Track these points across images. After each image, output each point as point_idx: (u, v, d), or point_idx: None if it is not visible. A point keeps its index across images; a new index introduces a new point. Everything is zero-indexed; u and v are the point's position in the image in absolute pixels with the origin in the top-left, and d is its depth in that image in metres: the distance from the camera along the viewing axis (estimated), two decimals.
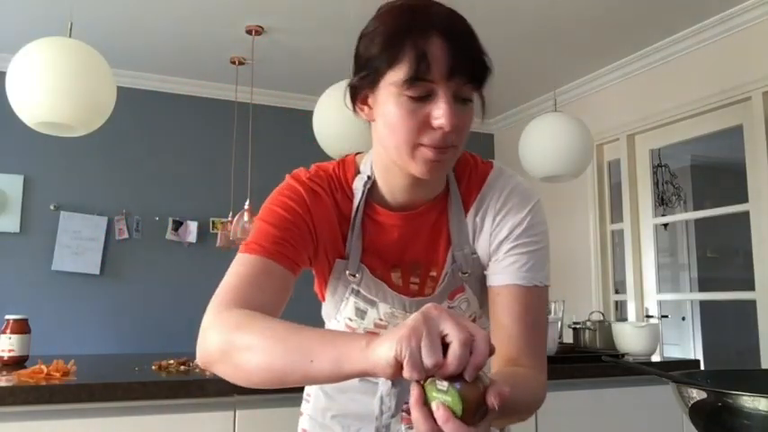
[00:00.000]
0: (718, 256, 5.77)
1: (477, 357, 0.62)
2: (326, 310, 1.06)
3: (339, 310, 1.02)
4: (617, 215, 4.22)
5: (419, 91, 0.82)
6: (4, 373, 1.87)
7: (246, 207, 3.44)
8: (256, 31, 3.50)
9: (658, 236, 4.20)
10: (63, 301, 3.94)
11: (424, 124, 0.83)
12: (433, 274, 0.99)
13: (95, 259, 4.04)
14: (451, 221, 0.98)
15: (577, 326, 2.72)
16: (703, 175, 5.65)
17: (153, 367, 2.01)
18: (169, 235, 4.22)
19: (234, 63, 3.96)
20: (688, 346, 5.59)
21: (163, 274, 4.19)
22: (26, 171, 3.98)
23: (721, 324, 5.40)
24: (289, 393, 1.87)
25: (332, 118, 2.63)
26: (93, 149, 4.03)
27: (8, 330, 2.06)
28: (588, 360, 2.43)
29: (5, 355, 2.03)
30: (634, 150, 4.07)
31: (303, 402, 1.16)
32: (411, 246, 0.99)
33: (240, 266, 0.89)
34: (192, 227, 4.25)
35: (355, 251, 0.97)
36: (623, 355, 2.50)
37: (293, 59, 3.95)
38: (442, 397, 0.63)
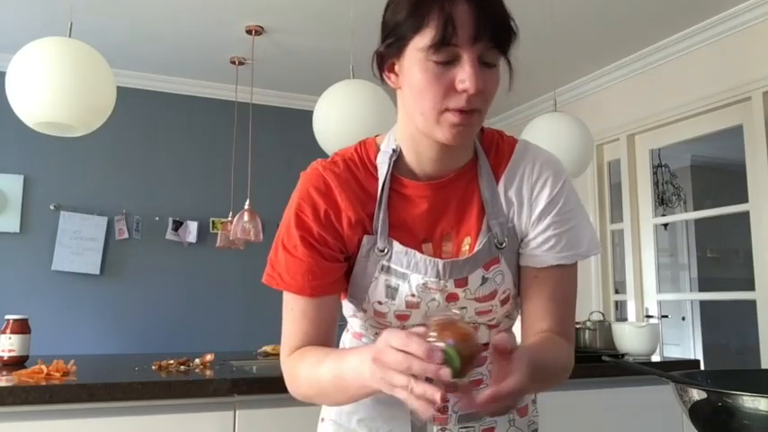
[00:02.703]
0: (718, 256, 5.77)
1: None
2: (349, 303, 1.03)
3: (367, 295, 0.97)
4: (617, 215, 4.22)
5: (445, 56, 0.83)
6: (4, 373, 1.87)
7: (246, 207, 3.44)
8: (256, 31, 3.50)
9: (658, 236, 4.20)
10: (63, 301, 3.94)
11: (450, 88, 0.84)
12: (467, 242, 0.97)
13: (95, 259, 4.04)
14: (483, 190, 0.97)
15: (577, 326, 2.72)
16: (703, 175, 5.65)
17: (153, 367, 2.01)
18: (169, 235, 4.22)
19: (234, 63, 3.96)
20: (688, 346, 5.59)
21: (163, 274, 4.19)
22: (26, 171, 3.98)
23: (721, 324, 5.40)
24: (289, 393, 1.88)
25: (332, 118, 2.63)
26: (93, 149, 4.03)
27: (8, 330, 2.06)
28: (588, 360, 2.43)
29: (5, 355, 2.03)
30: (634, 150, 4.07)
31: (324, 408, 1.11)
32: (441, 217, 0.96)
33: (290, 311, 0.98)
34: (192, 227, 4.25)
35: (383, 227, 0.95)
36: (623, 355, 2.50)
37: (293, 59, 3.95)
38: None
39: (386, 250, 0.95)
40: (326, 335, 0.97)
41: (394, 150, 0.96)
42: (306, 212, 0.95)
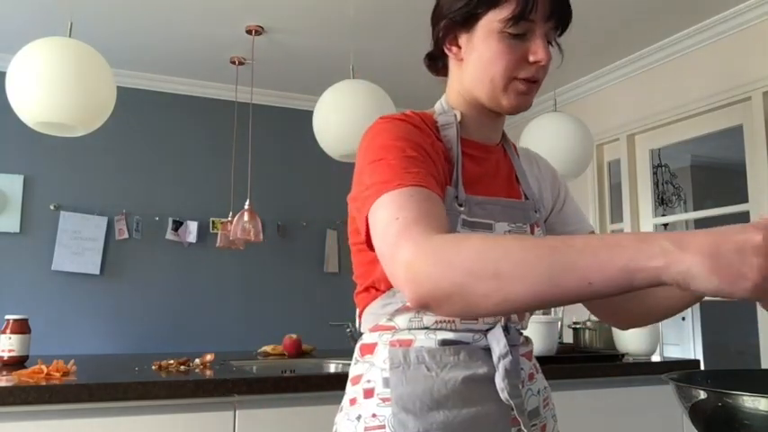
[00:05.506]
0: None
1: None
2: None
3: None
4: (617, 215, 4.22)
5: (521, 29, 0.91)
6: (4, 373, 1.87)
7: (246, 207, 3.44)
8: (256, 31, 3.50)
9: None
10: (63, 301, 3.94)
11: (521, 60, 0.92)
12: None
13: (95, 259, 4.04)
14: (515, 164, 1.08)
15: (577, 326, 2.72)
16: (703, 175, 5.65)
17: (153, 367, 2.01)
18: (169, 235, 4.22)
19: (234, 63, 3.96)
20: (688, 346, 5.59)
21: (163, 274, 4.19)
22: (26, 171, 3.97)
23: (721, 324, 5.40)
24: (289, 393, 1.88)
25: (332, 118, 2.63)
26: (93, 149, 4.03)
27: (8, 330, 2.06)
28: (588, 360, 2.43)
29: (5, 355, 2.04)
30: (634, 150, 4.07)
31: (373, 400, 0.91)
32: (496, 178, 1.03)
33: (410, 198, 0.78)
34: (192, 227, 4.25)
35: (460, 181, 0.94)
36: (623, 355, 2.51)
37: (293, 59, 3.95)
38: None
39: (466, 205, 0.93)
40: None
41: (455, 116, 1.00)
42: (406, 127, 0.90)
